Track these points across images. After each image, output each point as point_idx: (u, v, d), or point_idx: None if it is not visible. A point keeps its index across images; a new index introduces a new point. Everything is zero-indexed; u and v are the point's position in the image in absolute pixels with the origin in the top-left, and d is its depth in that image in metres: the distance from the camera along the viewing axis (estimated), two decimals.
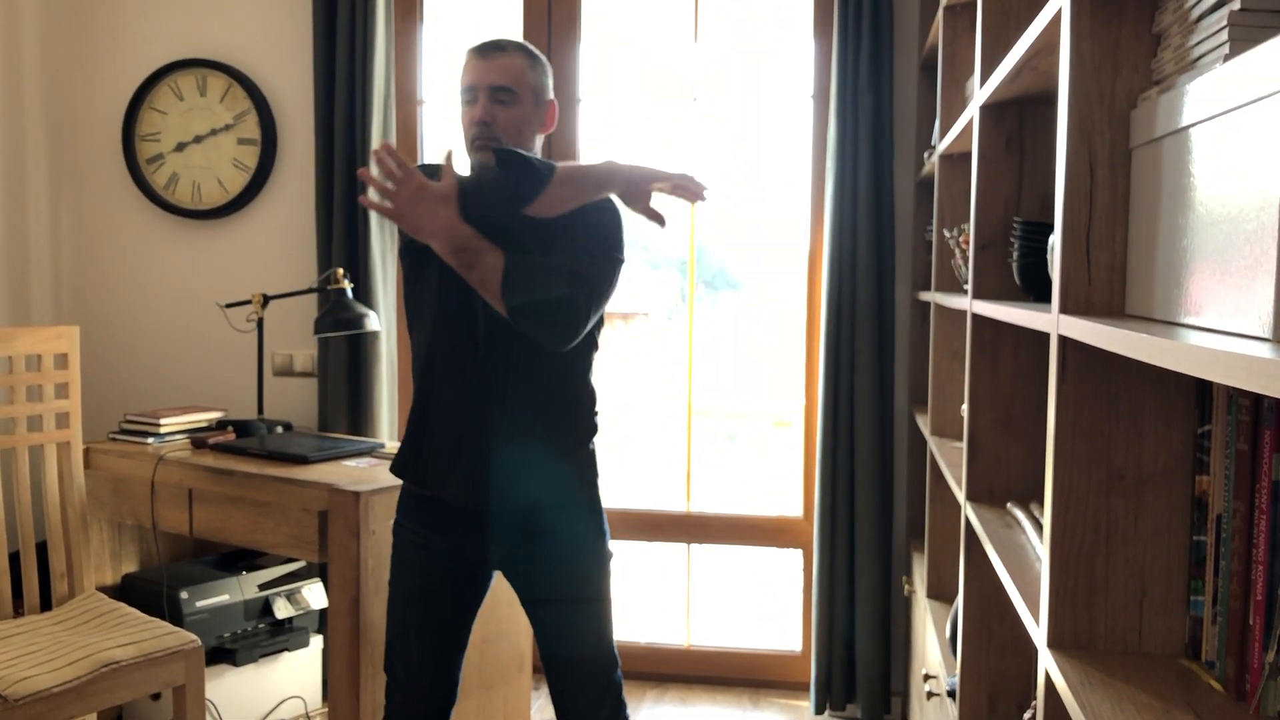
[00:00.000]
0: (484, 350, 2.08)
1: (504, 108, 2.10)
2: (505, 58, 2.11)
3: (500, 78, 2.09)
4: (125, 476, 3.07)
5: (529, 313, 1.98)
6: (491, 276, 1.96)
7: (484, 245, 1.96)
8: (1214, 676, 1.12)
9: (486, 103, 2.09)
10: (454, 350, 2.09)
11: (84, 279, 3.89)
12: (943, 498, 2.53)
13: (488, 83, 2.09)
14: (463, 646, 2.24)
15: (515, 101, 2.11)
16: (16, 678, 2.30)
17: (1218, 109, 0.95)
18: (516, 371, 2.09)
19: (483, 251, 1.96)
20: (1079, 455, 1.20)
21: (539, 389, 2.11)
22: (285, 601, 3.20)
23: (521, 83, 2.11)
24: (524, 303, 1.97)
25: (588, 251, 2.05)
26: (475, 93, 2.10)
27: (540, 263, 2.00)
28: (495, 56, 2.10)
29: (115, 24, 3.82)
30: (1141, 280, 1.15)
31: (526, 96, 2.12)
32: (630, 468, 6.81)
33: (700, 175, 2.13)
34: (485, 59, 2.10)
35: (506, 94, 2.09)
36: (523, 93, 2.11)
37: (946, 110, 2.52)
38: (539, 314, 1.98)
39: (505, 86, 2.09)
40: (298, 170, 3.72)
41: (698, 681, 3.72)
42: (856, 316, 3.32)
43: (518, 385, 2.09)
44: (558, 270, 2.01)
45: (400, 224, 1.96)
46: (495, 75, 2.09)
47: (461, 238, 1.95)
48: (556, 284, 1.99)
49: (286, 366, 3.75)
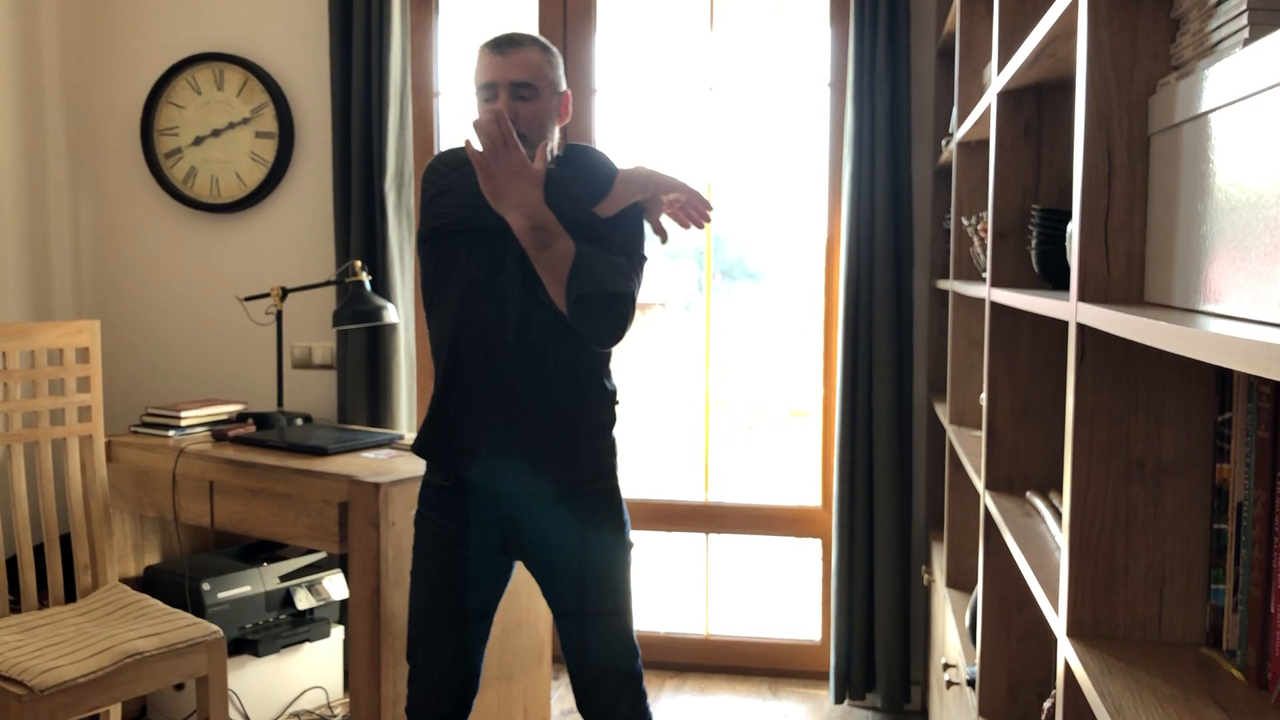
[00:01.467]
0: (512, 335, 2.09)
1: (525, 103, 2.10)
2: (522, 53, 2.11)
3: (519, 73, 2.09)
4: (147, 469, 3.09)
5: (589, 304, 2.01)
6: (561, 261, 2.00)
7: (560, 230, 2.01)
8: (1235, 665, 1.11)
9: (508, 99, 2.09)
10: (482, 333, 2.10)
11: (104, 273, 3.92)
12: (962, 486, 2.52)
13: (508, 79, 2.09)
14: (485, 636, 2.26)
15: (535, 96, 2.11)
16: (42, 668, 2.32)
17: (1237, 94, 0.94)
18: (541, 358, 2.10)
19: (558, 236, 2.00)
20: (1098, 444, 1.19)
21: (562, 376, 2.12)
22: (306, 592, 3.22)
23: (540, 77, 2.12)
24: (588, 293, 2.00)
25: (626, 251, 2.09)
26: (495, 89, 2.10)
27: (606, 257, 2.04)
28: (512, 52, 2.10)
29: (132, 19, 3.83)
30: (1160, 267, 1.14)
31: (545, 90, 2.13)
32: (648, 458, 6.82)
33: (709, 193, 2.17)
34: (503, 55, 2.10)
35: (526, 89, 2.10)
36: (541, 87, 2.12)
37: (964, 97, 2.50)
38: (598, 307, 2.01)
39: (525, 82, 2.10)
40: (315, 163, 3.73)
41: (717, 671, 3.72)
42: (874, 305, 3.31)
43: (542, 371, 2.11)
44: (620, 268, 2.05)
45: (492, 188, 1.99)
46: (514, 71, 2.09)
47: (543, 218, 1.99)
48: (619, 280, 2.04)
49: (306, 359, 3.77)
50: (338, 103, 3.56)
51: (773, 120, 4.22)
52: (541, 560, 2.21)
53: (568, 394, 2.13)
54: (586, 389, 2.16)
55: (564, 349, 2.11)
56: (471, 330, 2.11)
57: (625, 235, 2.12)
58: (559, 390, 2.12)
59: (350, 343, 3.57)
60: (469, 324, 2.11)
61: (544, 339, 2.10)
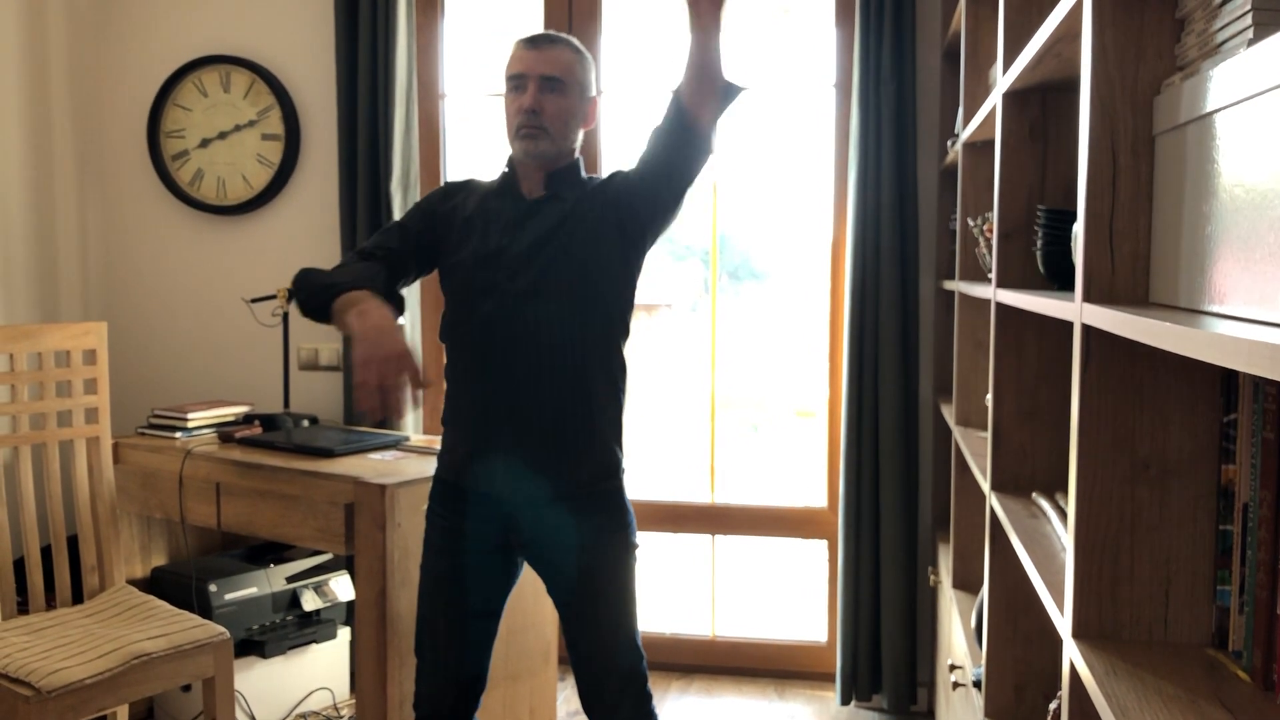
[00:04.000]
0: (515, 331, 2.11)
1: (552, 97, 2.13)
2: (555, 50, 2.14)
3: (550, 68, 2.12)
4: (154, 470, 3.10)
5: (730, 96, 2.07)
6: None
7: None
8: (1241, 667, 1.11)
9: (535, 91, 2.12)
10: (486, 330, 2.13)
11: (111, 275, 3.93)
12: (968, 487, 2.52)
13: (538, 72, 2.12)
14: (492, 634, 2.26)
15: (564, 91, 2.14)
16: (50, 670, 2.33)
17: (1242, 94, 0.94)
18: (547, 351, 2.11)
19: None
20: (1103, 445, 1.19)
21: (569, 371, 2.13)
22: (313, 594, 3.23)
23: (570, 75, 2.15)
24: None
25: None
26: (524, 80, 2.13)
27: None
28: (546, 48, 2.14)
29: (139, 21, 3.85)
30: (1165, 268, 1.14)
31: (574, 89, 2.16)
32: (654, 459, 6.82)
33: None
34: (536, 49, 2.13)
35: (556, 84, 2.13)
36: (570, 84, 2.15)
37: (969, 98, 2.50)
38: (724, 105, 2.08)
39: (555, 76, 2.12)
40: (321, 165, 3.74)
41: (723, 672, 3.72)
42: (880, 306, 3.30)
43: (547, 364, 2.11)
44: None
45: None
46: (545, 65, 2.12)
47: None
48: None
49: (312, 360, 3.78)
50: (344, 105, 3.56)
51: (778, 121, 4.22)
52: (545, 560, 2.21)
53: (573, 391, 2.13)
54: (593, 385, 2.16)
55: (570, 345, 2.12)
56: (475, 324, 2.14)
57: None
58: (564, 387, 2.12)
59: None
60: (474, 314, 2.14)
61: (548, 340, 2.11)
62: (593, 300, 2.13)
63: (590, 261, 2.12)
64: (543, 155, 2.14)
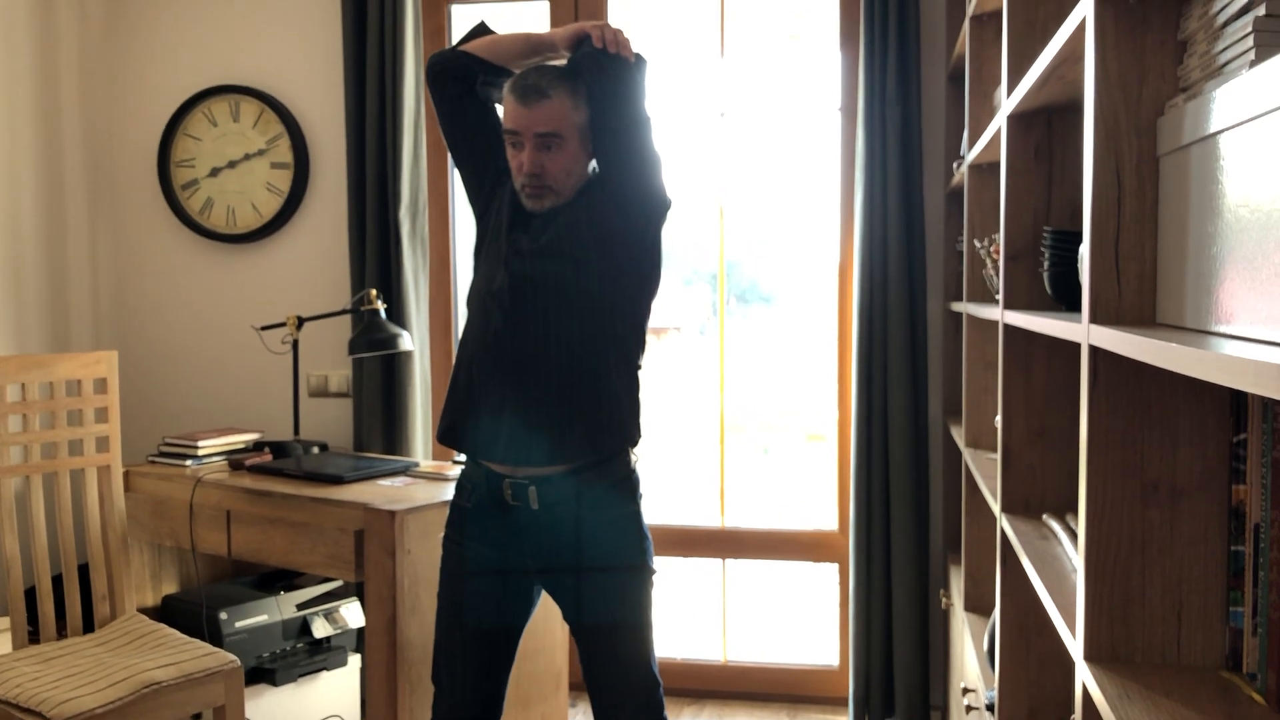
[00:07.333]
0: (528, 347, 2.12)
1: (550, 154, 2.11)
2: (548, 105, 2.10)
3: (544, 125, 2.10)
4: (164, 499, 3.10)
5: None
6: None
7: None
8: (1255, 689, 1.10)
9: (533, 152, 2.10)
10: (494, 340, 2.15)
11: (122, 304, 3.95)
12: (978, 509, 2.51)
13: (533, 131, 2.10)
14: (509, 661, 2.26)
15: (561, 146, 2.12)
16: (61, 699, 2.32)
17: (1245, 115, 0.94)
18: (558, 363, 2.11)
19: None
20: (1112, 466, 1.19)
21: (583, 386, 2.13)
22: (323, 621, 3.22)
23: (566, 125, 2.11)
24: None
25: None
26: (520, 139, 2.12)
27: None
28: (538, 105, 2.10)
29: (150, 52, 3.88)
30: (1172, 289, 1.14)
31: (572, 137, 2.13)
32: (664, 483, 6.80)
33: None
34: (528, 107, 2.10)
35: (553, 139, 2.11)
36: (568, 134, 2.12)
37: (974, 120, 2.51)
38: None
39: (550, 133, 2.10)
40: (330, 193, 3.76)
41: (735, 697, 3.70)
42: (889, 328, 3.30)
43: (559, 376, 2.11)
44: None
45: None
46: (540, 124, 2.10)
47: None
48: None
49: (321, 387, 3.79)
50: (352, 132, 3.59)
51: (784, 145, 4.23)
52: (563, 587, 2.20)
53: (586, 409, 2.13)
54: (607, 404, 2.15)
55: (582, 360, 2.12)
56: (485, 343, 2.16)
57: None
58: (576, 402, 2.12)
59: (366, 371, 3.59)
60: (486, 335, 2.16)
61: (562, 355, 2.11)
62: (608, 268, 2.15)
63: (606, 230, 2.15)
64: (551, 207, 2.15)
